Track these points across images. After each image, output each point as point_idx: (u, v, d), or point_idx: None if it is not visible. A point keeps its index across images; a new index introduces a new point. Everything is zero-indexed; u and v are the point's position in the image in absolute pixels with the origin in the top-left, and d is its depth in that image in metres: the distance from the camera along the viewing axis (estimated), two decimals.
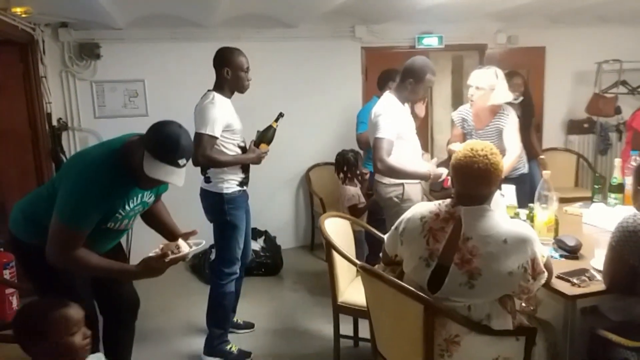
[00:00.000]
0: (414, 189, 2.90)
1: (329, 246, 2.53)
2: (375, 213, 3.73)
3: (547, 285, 1.92)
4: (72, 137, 4.26)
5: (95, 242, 1.93)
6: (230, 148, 2.78)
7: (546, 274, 1.77)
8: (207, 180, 2.83)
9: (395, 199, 2.87)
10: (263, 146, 2.88)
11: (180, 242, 2.00)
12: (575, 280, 1.94)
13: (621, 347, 1.81)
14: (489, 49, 5.04)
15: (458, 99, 6.46)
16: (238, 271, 2.95)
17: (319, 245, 4.65)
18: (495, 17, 4.83)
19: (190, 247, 2.04)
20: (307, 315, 3.48)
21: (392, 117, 2.79)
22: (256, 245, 4.32)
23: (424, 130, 5.42)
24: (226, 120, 2.72)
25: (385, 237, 2.07)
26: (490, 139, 3.13)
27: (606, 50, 5.10)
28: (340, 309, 2.62)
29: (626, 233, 1.78)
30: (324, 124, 4.80)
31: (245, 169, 2.88)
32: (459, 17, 4.71)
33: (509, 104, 3.29)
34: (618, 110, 5.00)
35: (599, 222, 2.60)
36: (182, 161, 1.85)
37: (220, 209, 2.79)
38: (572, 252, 2.21)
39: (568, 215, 2.86)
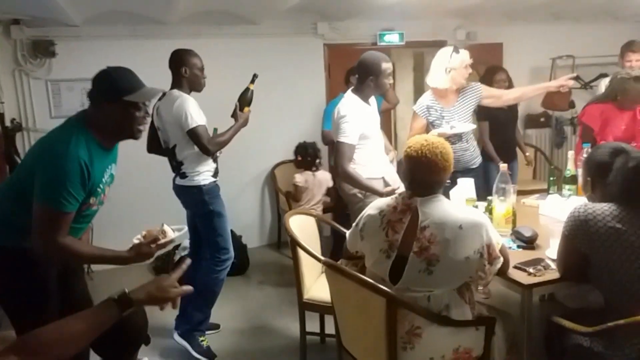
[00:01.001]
0: (376, 184, 2.93)
1: (294, 243, 2.54)
2: (345, 207, 3.77)
3: (505, 275, 1.99)
4: (27, 138, 4.12)
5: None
6: None
7: (502, 259, 1.85)
8: (183, 175, 2.91)
9: (359, 195, 2.89)
10: (246, 109, 3.02)
11: (166, 227, 2.00)
12: (531, 270, 2.01)
13: (575, 333, 1.87)
14: (449, 45, 5.12)
15: (420, 95, 6.52)
16: (233, 256, 3.06)
17: (285, 243, 4.65)
18: (454, 14, 4.93)
19: (174, 232, 2.03)
20: (274, 313, 3.48)
21: (355, 119, 2.80)
22: None
23: (387, 126, 5.49)
24: (199, 111, 2.86)
25: (347, 234, 2.10)
26: (460, 115, 3.22)
27: (560, 47, 5.28)
28: (306, 306, 2.64)
29: (577, 222, 1.85)
30: (288, 121, 4.79)
31: (215, 159, 2.99)
32: (419, 14, 4.78)
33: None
34: (572, 105, 5.17)
35: (554, 213, 2.68)
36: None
37: (202, 201, 2.90)
38: (528, 243, 2.28)
39: (525, 207, 2.95)
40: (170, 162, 2.98)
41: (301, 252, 2.54)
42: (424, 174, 1.83)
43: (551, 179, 3.07)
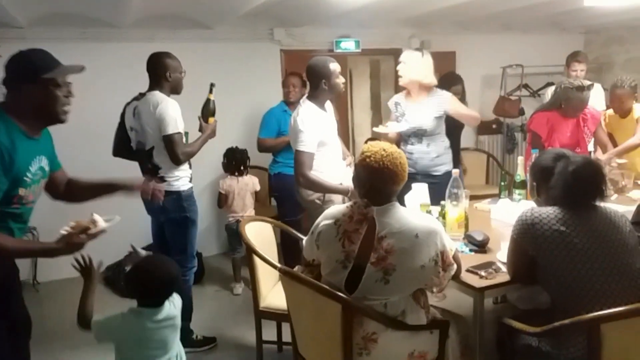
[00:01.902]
0: None
1: (250, 251, 2.50)
2: (284, 215, 3.77)
3: (458, 279, 2.02)
4: None
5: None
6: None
7: (455, 265, 1.88)
8: (161, 180, 2.87)
9: (317, 201, 2.90)
10: (211, 120, 3.07)
11: (96, 216, 1.90)
12: (482, 273, 2.05)
13: (524, 334, 1.92)
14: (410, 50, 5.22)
15: (377, 101, 6.65)
16: (196, 264, 3.16)
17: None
18: (408, 22, 5.02)
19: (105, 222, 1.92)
20: (230, 322, 3.43)
21: (312, 128, 2.80)
22: None
23: (345, 133, 5.52)
24: (180, 116, 2.89)
25: (304, 241, 2.09)
26: (420, 117, 3.27)
27: (510, 56, 5.47)
28: (262, 314, 2.61)
29: (525, 226, 1.91)
30: (244, 127, 4.74)
31: (190, 165, 3.04)
32: (374, 22, 4.85)
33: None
34: (522, 112, 5.37)
35: (505, 217, 2.74)
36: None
37: (179, 206, 2.93)
38: (480, 247, 2.33)
39: (478, 211, 3.02)
40: (144, 165, 2.95)
41: (257, 260, 2.50)
42: (385, 184, 1.82)
43: (502, 183, 3.16)
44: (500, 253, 2.22)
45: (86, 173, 2.11)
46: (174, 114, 2.82)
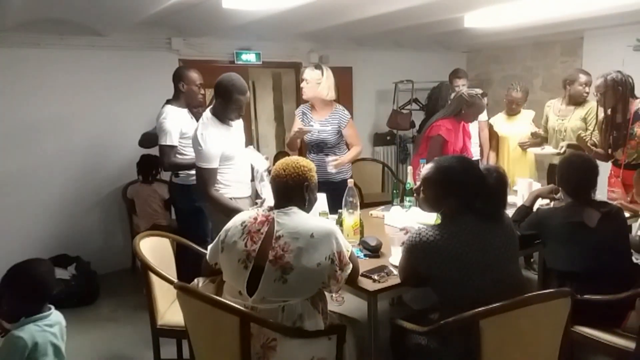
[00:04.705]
0: (241, 203, 2.94)
1: (145, 267, 2.42)
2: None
3: (353, 283, 2.10)
4: None
5: None
6: (187, 152, 3.22)
7: (351, 265, 1.97)
8: (177, 175, 3.31)
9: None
10: None
11: None
12: (375, 277, 2.15)
13: (414, 333, 2.03)
14: (303, 67, 5.34)
15: (280, 113, 6.73)
16: None
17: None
18: (308, 37, 5.16)
19: None
20: (127, 343, 3.27)
21: (211, 143, 2.77)
22: (66, 273, 3.93)
23: (250, 144, 5.53)
24: (180, 128, 3.20)
25: (209, 248, 2.09)
26: (326, 131, 3.46)
27: (401, 72, 5.82)
28: (161, 332, 2.52)
29: (413, 247, 1.98)
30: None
31: None
32: (275, 35, 4.93)
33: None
34: (412, 125, 5.71)
35: (397, 222, 2.90)
36: None
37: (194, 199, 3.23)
38: (374, 251, 2.44)
39: (373, 218, 3.16)
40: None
41: (154, 276, 2.42)
42: (285, 189, 1.96)
43: (394, 191, 3.34)
44: (392, 257, 2.34)
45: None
46: (170, 127, 3.14)
